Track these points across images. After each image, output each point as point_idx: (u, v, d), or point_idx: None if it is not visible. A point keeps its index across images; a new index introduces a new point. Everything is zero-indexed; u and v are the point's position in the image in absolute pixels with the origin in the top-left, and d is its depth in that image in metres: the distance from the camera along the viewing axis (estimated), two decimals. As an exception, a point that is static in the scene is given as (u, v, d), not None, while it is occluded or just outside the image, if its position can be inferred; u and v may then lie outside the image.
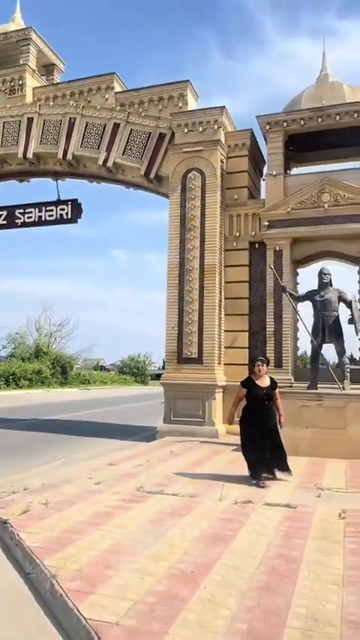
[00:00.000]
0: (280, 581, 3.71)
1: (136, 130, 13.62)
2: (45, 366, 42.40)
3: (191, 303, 12.46)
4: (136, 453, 9.70)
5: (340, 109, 12.02)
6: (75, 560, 4.06)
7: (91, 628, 2.98)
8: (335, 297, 10.16)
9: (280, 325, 12.29)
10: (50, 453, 10.36)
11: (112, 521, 5.19)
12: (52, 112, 14.52)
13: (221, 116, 12.73)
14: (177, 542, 4.56)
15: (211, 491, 6.55)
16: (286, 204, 12.15)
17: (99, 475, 7.45)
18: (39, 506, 5.69)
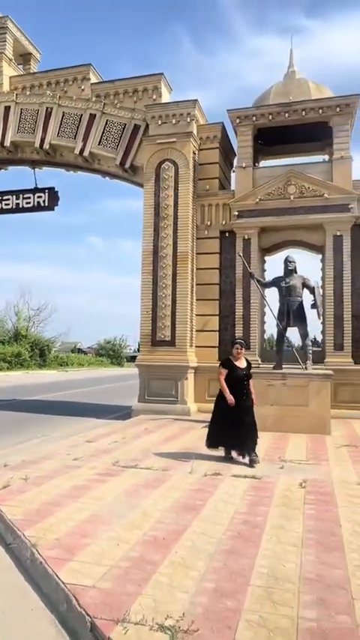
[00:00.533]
0: (244, 545, 3.85)
1: (111, 120, 13.39)
2: (24, 348, 41.93)
3: (165, 288, 12.46)
4: (111, 430, 9.75)
5: (306, 105, 12.06)
6: (54, 530, 4.12)
7: (69, 591, 3.05)
8: (299, 284, 10.27)
9: (249, 310, 12.44)
10: (30, 431, 10.32)
11: (89, 493, 5.26)
12: (29, 102, 14.14)
13: (194, 109, 12.61)
14: (150, 511, 4.65)
15: (182, 464, 6.68)
16: (255, 195, 12.22)
17: (77, 451, 7.52)
18: (19, 481, 5.72)
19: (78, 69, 14.23)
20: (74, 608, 2.89)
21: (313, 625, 2.67)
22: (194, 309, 12.69)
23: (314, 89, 12.62)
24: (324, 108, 11.97)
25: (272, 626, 2.66)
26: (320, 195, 11.75)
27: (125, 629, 2.61)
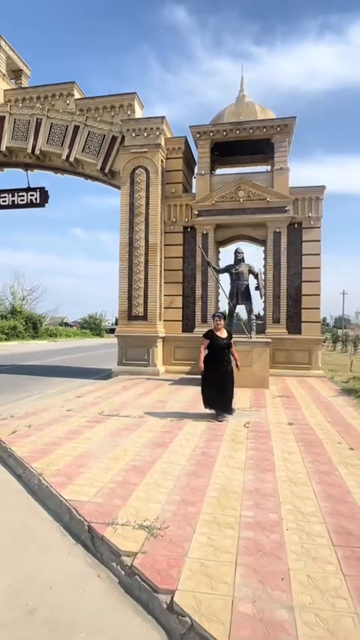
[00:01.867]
0: (202, 469, 4.11)
1: (93, 132, 12.86)
2: (19, 322, 40.59)
3: (138, 273, 12.30)
4: (96, 388, 9.68)
5: (253, 124, 11.96)
6: (55, 463, 4.24)
7: (70, 505, 3.27)
8: (246, 270, 10.33)
9: (206, 291, 12.43)
10: (28, 390, 10.13)
11: (81, 436, 5.32)
12: (22, 113, 13.39)
13: (162, 124, 12.30)
14: (129, 448, 4.80)
15: (155, 412, 6.80)
16: (212, 197, 12.11)
17: (69, 404, 7.48)
18: (24, 428, 5.71)
19: (64, 86, 13.55)
20: (75, 516, 3.13)
21: (251, 520, 3.03)
22: (162, 290, 12.67)
23: (260, 111, 12.52)
24: (267, 127, 11.92)
25: (222, 522, 3.00)
26: (264, 199, 11.80)
27: (115, 529, 2.88)
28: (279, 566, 2.43)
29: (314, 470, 4.11)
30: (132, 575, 2.43)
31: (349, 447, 4.93)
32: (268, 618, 1.99)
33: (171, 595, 2.18)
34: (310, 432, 5.63)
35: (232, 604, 2.09)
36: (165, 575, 2.34)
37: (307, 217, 11.91)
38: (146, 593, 2.29)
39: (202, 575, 2.34)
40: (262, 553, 2.57)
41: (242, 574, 2.35)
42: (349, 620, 1.99)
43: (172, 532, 2.82)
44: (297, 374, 11.36)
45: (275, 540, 2.73)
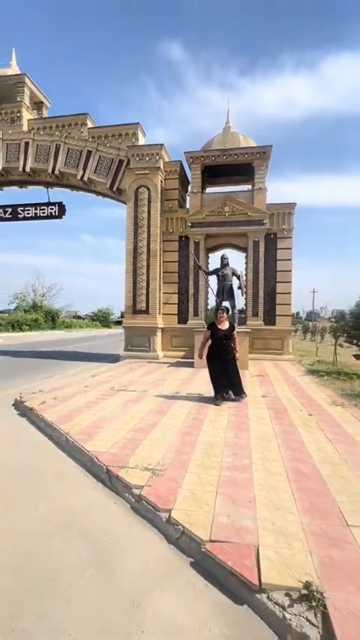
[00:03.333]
0: (193, 429, 4.43)
1: (103, 156, 13.03)
2: (40, 316, 40.75)
3: (141, 275, 12.52)
4: (107, 369, 9.87)
5: (237, 151, 12.13)
6: (78, 426, 4.54)
7: (92, 454, 3.63)
8: (231, 273, 10.45)
9: (197, 290, 12.63)
10: (51, 371, 10.28)
11: (97, 406, 5.59)
12: (43, 139, 13.52)
13: (161, 150, 12.48)
14: (136, 414, 5.10)
15: (155, 388, 7.06)
16: (202, 212, 12.28)
17: (86, 382, 7.70)
18: (51, 400, 5.93)
19: (78, 117, 13.66)
20: (95, 462, 3.49)
21: (229, 464, 3.40)
22: (161, 289, 12.87)
23: (243, 140, 12.67)
24: (248, 154, 12.13)
25: (208, 465, 3.37)
26: (245, 213, 12.00)
27: (126, 470, 3.24)
28: (248, 493, 2.82)
29: (280, 430, 4.48)
30: (140, 501, 2.81)
31: (309, 413, 5.30)
32: (238, 525, 2.38)
33: (169, 512, 2.56)
34: (278, 403, 5.97)
35: (212, 517, 2.47)
36: (164, 500, 2.72)
37: (281, 229, 12.17)
38: (151, 512, 2.67)
39: (192, 499, 2.72)
40: (236, 486, 2.96)
41: (221, 499, 2.73)
42: (296, 527, 2.38)
43: (170, 472, 3.19)
44: (272, 358, 11.68)
45: (246, 477, 3.11)
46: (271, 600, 1.81)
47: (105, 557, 2.27)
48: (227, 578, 2.01)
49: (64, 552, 2.30)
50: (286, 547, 2.14)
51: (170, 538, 2.42)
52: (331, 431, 4.45)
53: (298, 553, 2.09)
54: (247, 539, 2.22)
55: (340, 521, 2.44)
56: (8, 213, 14.62)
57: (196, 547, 2.24)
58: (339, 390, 7.13)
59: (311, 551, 2.11)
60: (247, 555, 2.08)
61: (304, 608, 1.73)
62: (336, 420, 4.93)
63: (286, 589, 1.83)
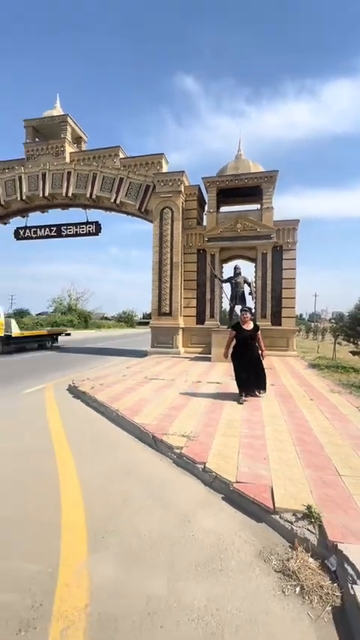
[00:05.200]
0: (216, 409, 4.88)
1: (132, 181, 13.66)
2: (74, 317, 41.94)
3: (165, 283, 13.00)
4: (138, 362, 10.37)
5: (247, 176, 12.52)
6: (124, 405, 5.04)
7: (139, 425, 4.15)
8: (243, 281, 10.74)
9: (213, 295, 13.02)
10: (90, 363, 10.89)
11: (136, 391, 6.07)
12: (83, 169, 14.27)
13: (182, 177, 12.98)
14: (168, 397, 5.57)
15: (181, 377, 7.48)
16: (217, 228, 12.67)
17: (122, 372, 8.19)
18: (98, 385, 6.47)
19: (112, 149, 14.34)
20: (143, 431, 4.02)
21: (247, 433, 3.86)
22: (182, 294, 13.27)
23: (252, 166, 13.03)
24: (258, 178, 12.48)
25: (230, 434, 3.84)
26: (255, 229, 12.34)
27: (167, 436, 3.74)
28: (262, 453, 3.29)
29: (286, 410, 4.90)
30: (181, 457, 3.32)
31: (310, 398, 5.68)
32: (256, 473, 2.85)
33: (204, 464, 3.06)
34: (284, 390, 6.35)
35: (236, 468, 2.96)
36: (199, 456, 3.22)
37: (287, 242, 12.44)
38: (189, 465, 3.17)
39: (220, 457, 3.21)
40: (253, 448, 3.43)
41: (242, 457, 3.21)
42: (300, 475, 2.84)
43: (201, 438, 3.68)
44: (278, 354, 11.95)
45: (261, 443, 3.57)
46: (282, 519, 2.28)
47: (159, 492, 2.78)
48: (250, 506, 2.49)
49: (130, 488, 2.84)
50: (293, 487, 2.61)
51: (206, 482, 2.92)
52: (328, 412, 4.83)
53: (302, 491, 2.55)
54: (263, 482, 2.70)
55: (333, 472, 2.88)
56: (54, 232, 15.48)
57: (226, 487, 2.73)
58: (337, 380, 7.43)
59: (311, 490, 2.56)
60: (263, 491, 2.55)
61: (306, 522, 2.20)
62: (333, 404, 5.29)
63: (293, 511, 2.30)
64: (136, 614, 1.62)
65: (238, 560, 1.99)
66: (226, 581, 1.84)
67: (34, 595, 1.71)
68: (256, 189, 13.09)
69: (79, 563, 1.94)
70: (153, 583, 1.81)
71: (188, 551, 2.07)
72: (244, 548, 2.11)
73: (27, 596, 1.70)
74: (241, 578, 1.85)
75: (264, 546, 2.12)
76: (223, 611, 1.65)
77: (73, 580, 1.81)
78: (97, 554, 2.02)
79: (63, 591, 1.74)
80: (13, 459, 3.41)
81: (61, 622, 1.56)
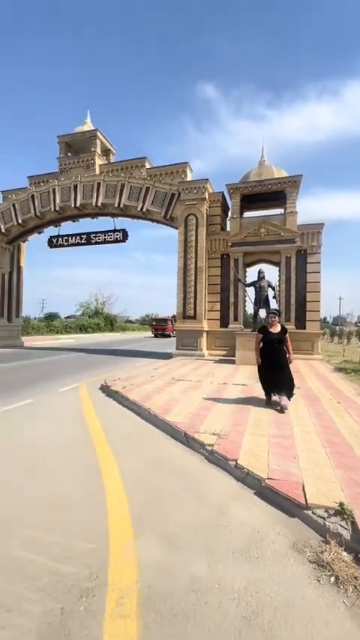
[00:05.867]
0: (243, 409, 4.94)
1: (158, 190, 13.92)
2: (101, 320, 43.04)
3: (190, 287, 13.15)
4: (164, 364, 10.51)
5: (271, 181, 12.47)
6: (155, 404, 5.19)
7: (171, 423, 4.29)
8: (266, 284, 10.69)
9: (237, 298, 13.04)
10: (118, 364, 11.11)
11: (165, 391, 6.22)
12: (111, 179, 14.73)
13: (206, 184, 13.13)
14: (197, 397, 5.68)
15: (207, 379, 7.57)
16: (241, 234, 12.70)
17: (150, 373, 8.36)
18: (129, 385, 6.65)
19: (138, 160, 14.78)
20: (175, 428, 4.15)
21: (275, 433, 3.90)
22: (206, 298, 13.33)
23: (276, 171, 12.97)
24: (281, 183, 12.40)
25: (258, 434, 3.90)
26: (278, 234, 12.24)
27: (198, 434, 3.86)
28: (292, 452, 3.33)
29: (314, 412, 4.87)
30: (212, 453, 3.42)
31: (337, 401, 5.60)
32: (287, 471, 2.91)
33: (235, 461, 3.15)
34: (311, 393, 6.29)
35: (267, 465, 3.03)
36: (231, 453, 3.31)
37: (311, 246, 12.27)
38: (221, 461, 3.27)
39: (250, 454, 3.29)
40: (283, 447, 3.47)
41: (272, 455, 3.27)
42: (330, 475, 2.86)
43: (231, 437, 3.77)
44: (303, 358, 11.73)
45: (289, 443, 3.61)
46: (314, 514, 2.34)
47: (193, 485, 2.91)
48: (282, 502, 2.56)
49: (166, 480, 2.98)
50: (324, 485, 2.65)
51: (237, 477, 3.01)
52: (357, 414, 4.76)
53: (333, 489, 2.59)
54: (294, 479, 2.76)
55: (364, 473, 2.88)
56: (84, 239, 16.11)
57: (258, 483, 2.81)
58: (364, 384, 7.24)
59: (343, 489, 2.59)
60: (295, 488, 2.62)
61: (338, 519, 2.25)
62: (361, 407, 5.19)
63: (325, 507, 2.35)
64: (182, 590, 1.76)
65: (273, 550, 2.08)
66: (262, 567, 1.93)
67: (91, 568, 1.89)
68: (279, 194, 13.00)
69: (126, 543, 2.10)
70: (194, 565, 1.94)
71: (225, 539, 2.17)
72: (278, 539, 2.19)
73: (84, 569, 1.88)
74: (277, 566, 1.94)
75: (297, 539, 2.19)
76: (262, 593, 1.75)
77: (123, 558, 1.97)
78: (142, 537, 2.17)
79: (115, 567, 1.90)
80: (60, 449, 3.66)
81: (116, 592, 1.72)
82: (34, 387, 7.06)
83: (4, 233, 16.91)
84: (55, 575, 1.84)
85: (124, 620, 1.57)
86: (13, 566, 1.90)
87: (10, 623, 1.56)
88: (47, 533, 2.19)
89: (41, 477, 3.00)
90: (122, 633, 1.50)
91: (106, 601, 1.67)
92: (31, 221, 16.64)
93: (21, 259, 18.63)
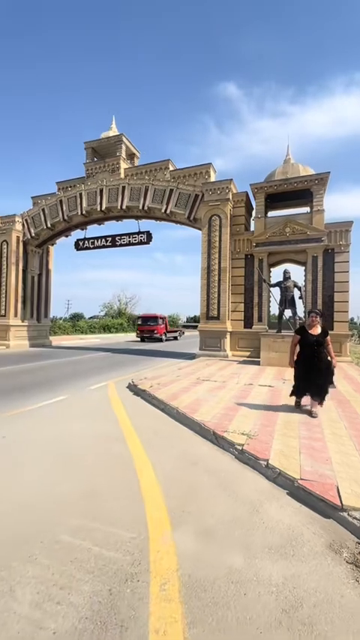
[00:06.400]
0: (271, 411, 4.90)
1: (182, 192, 14.03)
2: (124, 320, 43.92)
3: (214, 287, 13.17)
4: (188, 364, 10.60)
5: (297, 179, 12.25)
6: (183, 403, 5.28)
7: (200, 422, 4.36)
8: (292, 285, 10.62)
9: (261, 299, 12.91)
10: (143, 364, 11.34)
11: (191, 390, 6.29)
12: (135, 183, 15.01)
13: (230, 184, 13.11)
14: (223, 398, 5.71)
15: (232, 380, 7.57)
16: (265, 233, 12.56)
17: (175, 373, 8.48)
18: (155, 385, 6.80)
19: (162, 162, 15.00)
20: (203, 427, 4.22)
21: (307, 435, 3.88)
22: (230, 299, 13.30)
23: (302, 169, 12.71)
24: (308, 181, 12.14)
25: (289, 435, 3.89)
26: (304, 233, 12.00)
27: (228, 433, 3.91)
28: (324, 455, 3.31)
29: (344, 415, 4.77)
30: (242, 453, 3.46)
31: (369, 405, 5.45)
32: (320, 473, 2.90)
33: (266, 461, 3.18)
34: (340, 395, 6.12)
35: (299, 466, 3.03)
36: (261, 453, 3.34)
37: (339, 244, 11.92)
38: (252, 460, 3.31)
39: (282, 455, 3.30)
40: (314, 449, 3.45)
41: (303, 457, 3.26)
42: None
43: (261, 437, 3.79)
44: (330, 359, 11.46)
45: (321, 445, 3.58)
46: (350, 516, 2.33)
47: (225, 482, 2.97)
48: (316, 503, 2.57)
49: (198, 477, 3.06)
50: (359, 488, 2.62)
51: (269, 477, 3.04)
52: (391, 419, 4.61)
53: (369, 492, 2.56)
54: (328, 481, 2.75)
55: None
56: (109, 242, 16.53)
57: (290, 483, 2.83)
58: None
59: (379, 492, 2.56)
60: (329, 489, 2.61)
61: (375, 521, 2.23)
62: (395, 412, 5.02)
63: (361, 510, 2.34)
64: (221, 580, 1.83)
65: (309, 549, 2.10)
66: (299, 565, 1.96)
67: (133, 555, 2.00)
68: (305, 193, 12.73)
69: (164, 534, 2.20)
70: (231, 558, 2.00)
71: (260, 535, 2.22)
72: (314, 539, 2.20)
73: (127, 555, 2.00)
74: (314, 564, 1.96)
75: (333, 540, 2.20)
76: (300, 589, 1.78)
77: (162, 547, 2.07)
78: (179, 528, 2.26)
79: (155, 556, 2.00)
80: (94, 444, 3.83)
81: (158, 578, 1.82)
82: (66, 385, 7.36)
83: (34, 237, 17.67)
84: (100, 560, 1.96)
85: (168, 603, 1.66)
86: (62, 550, 2.04)
87: (65, 599, 1.69)
88: (89, 522, 2.33)
89: (78, 470, 3.17)
90: (167, 615, 1.59)
91: (150, 585, 1.77)
92: (59, 225, 17.28)
93: (50, 262, 19.39)
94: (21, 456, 3.50)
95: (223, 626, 1.55)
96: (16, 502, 2.57)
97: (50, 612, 1.61)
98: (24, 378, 8.18)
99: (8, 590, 1.74)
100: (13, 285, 17.31)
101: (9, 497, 2.65)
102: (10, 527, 2.26)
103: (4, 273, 17.42)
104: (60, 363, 11.31)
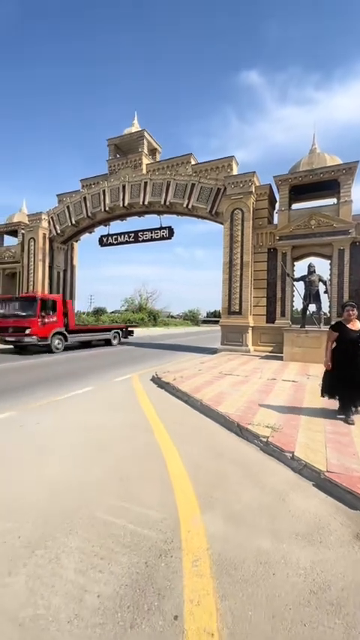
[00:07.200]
0: (295, 405, 4.91)
1: (204, 186, 13.97)
2: (144, 315, 44.39)
3: (235, 282, 13.08)
4: (210, 359, 10.65)
5: (324, 169, 11.86)
6: (206, 396, 5.36)
7: (224, 414, 4.44)
8: (317, 279, 10.44)
9: (284, 293, 12.70)
10: (165, 358, 11.53)
11: (214, 384, 6.36)
12: (157, 178, 15.09)
13: (253, 177, 12.92)
14: (246, 391, 5.76)
15: (255, 374, 7.57)
16: (289, 226, 12.32)
17: (198, 367, 8.55)
18: (179, 378, 6.92)
19: (184, 157, 14.97)
20: (228, 419, 4.30)
21: (332, 430, 3.86)
22: (252, 293, 13.18)
23: (329, 159, 12.31)
24: (335, 171, 11.73)
25: (314, 429, 3.90)
26: (330, 225, 11.65)
27: (252, 426, 3.97)
28: (351, 449, 3.30)
29: (372, 412, 4.69)
30: (267, 445, 3.52)
31: None
32: (346, 466, 2.91)
33: (292, 453, 3.22)
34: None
35: (325, 459, 3.05)
36: (287, 445, 3.38)
37: (367, 237, 11.52)
38: (277, 452, 3.36)
39: (307, 448, 3.33)
40: (340, 444, 3.45)
41: (329, 450, 3.27)
42: (394, 472, 2.81)
43: (285, 430, 3.83)
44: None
45: (347, 439, 3.57)
46: (378, 508, 2.34)
47: (251, 472, 3.04)
48: (342, 494, 2.60)
49: (225, 466, 3.15)
50: (388, 482, 2.62)
51: (294, 469, 3.08)
52: None
53: None
54: (355, 474, 2.76)
55: None
56: (132, 238, 16.76)
57: (316, 475, 2.86)
58: None
59: None
60: (357, 482, 2.63)
61: None
62: None
63: (390, 503, 2.35)
64: (250, 560, 1.92)
65: (336, 537, 2.15)
66: (326, 551, 2.02)
67: (165, 534, 2.13)
68: (331, 183, 12.32)
69: (193, 516, 2.32)
70: (259, 541, 2.08)
71: (287, 522, 2.29)
72: (341, 529, 2.24)
73: (160, 534, 2.13)
74: (342, 552, 2.01)
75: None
76: (328, 573, 1.85)
77: (193, 528, 2.19)
78: (208, 512, 2.37)
79: (186, 535, 2.12)
80: (122, 432, 4.01)
81: (190, 556, 1.94)
82: (92, 377, 7.65)
83: (60, 234, 18.21)
84: (135, 536, 2.11)
85: (200, 578, 1.77)
86: (100, 526, 2.21)
87: (106, 568, 1.85)
88: (123, 502, 2.48)
89: (108, 456, 3.34)
90: (200, 588, 1.71)
91: (183, 561, 1.89)
92: (83, 221, 17.71)
93: (74, 258, 19.95)
94: (54, 441, 3.73)
95: (253, 600, 1.65)
96: (54, 482, 2.78)
97: (94, 578, 1.77)
98: (55, 369, 8.56)
99: (54, 558, 1.92)
100: (40, 280, 17.98)
101: (47, 478, 2.86)
102: (49, 504, 2.46)
103: (32, 269, 18.11)
104: (85, 356, 11.69)
